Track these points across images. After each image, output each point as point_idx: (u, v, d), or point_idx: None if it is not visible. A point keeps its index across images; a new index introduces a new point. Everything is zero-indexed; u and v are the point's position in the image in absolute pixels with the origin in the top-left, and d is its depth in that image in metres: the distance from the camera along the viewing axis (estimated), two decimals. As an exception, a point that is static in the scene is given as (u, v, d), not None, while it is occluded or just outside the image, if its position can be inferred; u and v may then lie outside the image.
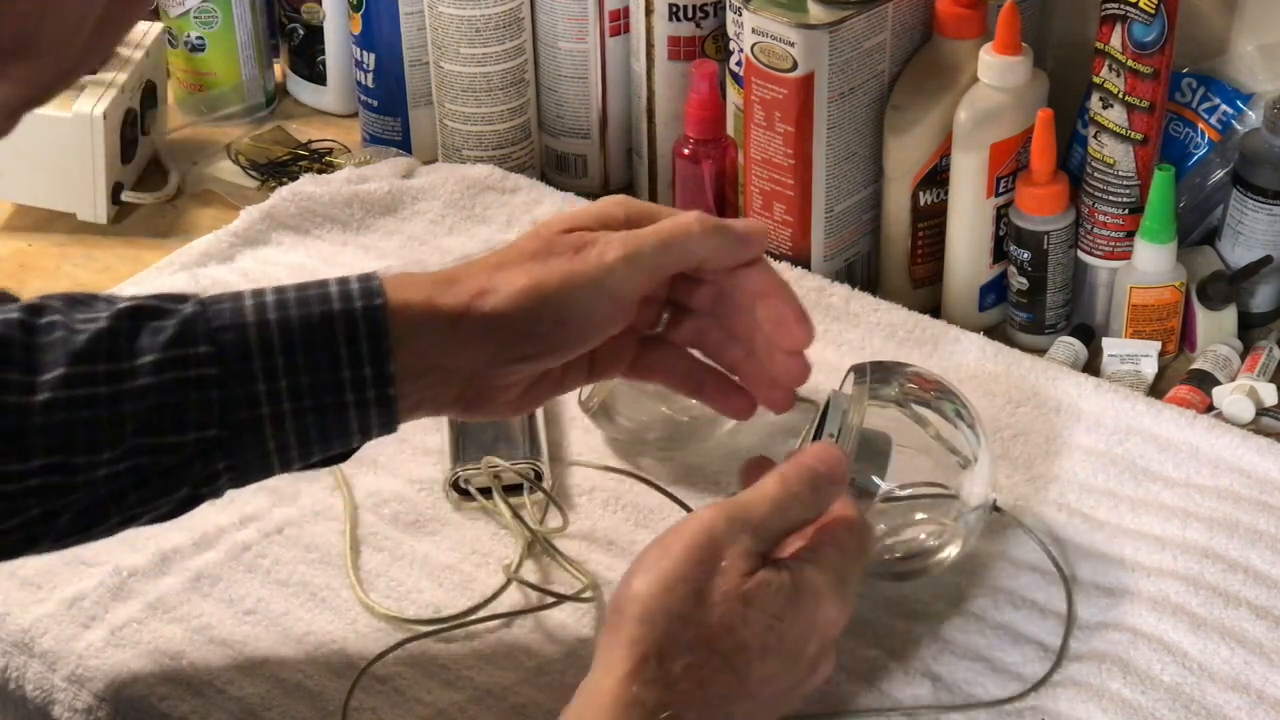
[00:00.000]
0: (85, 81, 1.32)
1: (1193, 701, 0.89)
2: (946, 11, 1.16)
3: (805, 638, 0.80)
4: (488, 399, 0.89)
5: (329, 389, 0.82)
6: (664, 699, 0.76)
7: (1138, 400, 1.08)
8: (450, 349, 0.85)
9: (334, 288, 0.83)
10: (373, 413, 0.84)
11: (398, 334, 0.83)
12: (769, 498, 0.82)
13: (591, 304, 0.87)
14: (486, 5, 1.27)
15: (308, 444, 0.84)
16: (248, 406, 0.82)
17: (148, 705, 0.91)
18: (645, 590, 0.78)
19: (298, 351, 0.82)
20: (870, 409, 0.93)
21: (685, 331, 0.95)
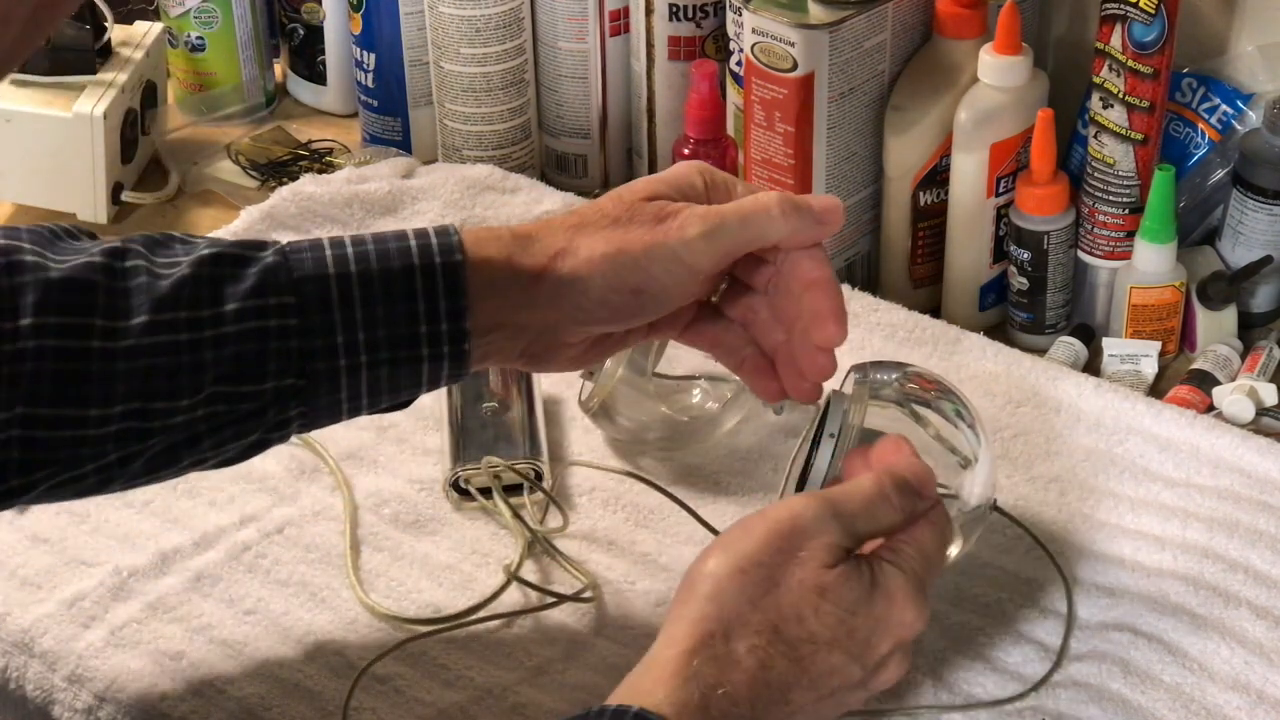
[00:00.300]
0: (85, 81, 1.33)
1: (1193, 701, 0.89)
2: (946, 11, 1.16)
3: (877, 635, 0.80)
4: (552, 355, 0.90)
5: (405, 343, 0.83)
6: (722, 677, 0.76)
7: (1138, 400, 1.08)
8: (525, 307, 0.86)
9: (413, 241, 0.84)
10: (445, 365, 0.85)
11: (475, 291, 0.84)
12: (863, 496, 0.82)
13: (669, 275, 0.87)
14: (486, 5, 1.27)
15: (378, 393, 0.85)
16: (326, 358, 0.83)
17: (148, 705, 0.91)
18: (719, 569, 0.79)
19: (378, 305, 0.83)
20: (870, 409, 0.93)
21: (739, 306, 0.94)
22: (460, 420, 1.05)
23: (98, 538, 1.01)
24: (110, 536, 1.01)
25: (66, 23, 1.32)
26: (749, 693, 0.77)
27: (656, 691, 0.75)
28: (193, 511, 1.03)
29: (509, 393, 1.07)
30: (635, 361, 1.03)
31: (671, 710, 0.75)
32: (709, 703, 0.75)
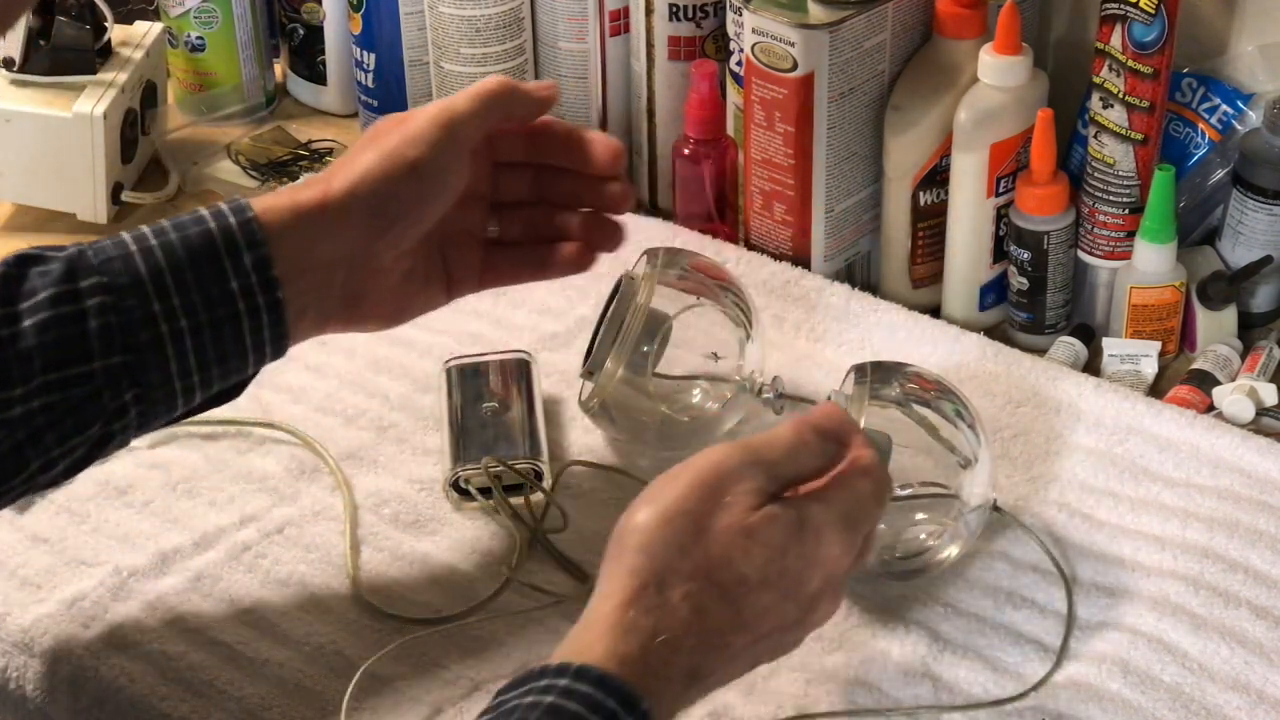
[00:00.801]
0: (85, 81, 1.33)
1: (1193, 701, 0.89)
2: (946, 11, 1.16)
3: (807, 572, 0.81)
4: (368, 295, 0.94)
5: (220, 300, 0.87)
6: (660, 625, 0.77)
7: (1138, 400, 1.08)
8: (322, 236, 0.90)
9: (205, 211, 0.88)
10: (264, 321, 0.88)
11: (271, 236, 0.88)
12: (783, 442, 0.83)
13: (433, 151, 0.93)
14: (486, 5, 1.27)
15: (207, 365, 0.87)
16: (147, 327, 0.85)
17: (148, 705, 0.91)
18: (647, 521, 0.79)
19: (185, 270, 0.86)
20: (870, 409, 0.93)
21: (514, 224, 1.01)
22: (460, 420, 1.05)
23: (98, 538, 1.01)
24: (110, 536, 1.01)
25: (66, 23, 1.32)
26: (688, 639, 0.77)
27: (596, 646, 0.76)
28: (193, 511, 1.03)
29: (509, 393, 1.07)
30: (635, 362, 1.03)
31: (613, 663, 0.75)
32: (648, 652, 0.76)
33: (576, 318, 1.17)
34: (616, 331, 1.02)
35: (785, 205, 1.19)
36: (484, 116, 0.95)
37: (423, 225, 0.94)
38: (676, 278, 1.04)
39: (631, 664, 0.76)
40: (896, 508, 0.94)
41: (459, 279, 1.00)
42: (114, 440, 0.88)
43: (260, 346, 0.89)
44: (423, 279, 0.98)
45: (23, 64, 1.33)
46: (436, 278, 0.99)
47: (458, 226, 0.98)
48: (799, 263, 1.20)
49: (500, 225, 1.01)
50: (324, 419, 1.09)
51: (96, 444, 0.87)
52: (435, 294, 0.99)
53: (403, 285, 0.96)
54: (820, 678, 0.91)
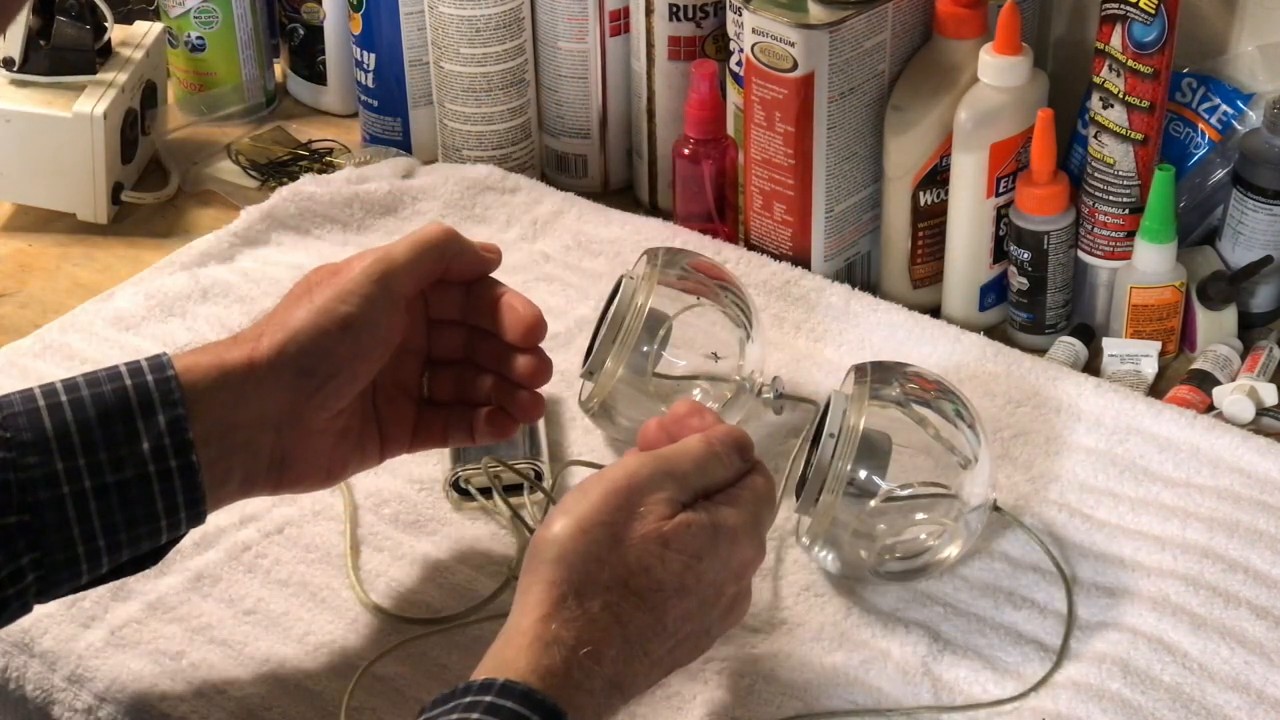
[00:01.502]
0: (85, 81, 1.33)
1: (1193, 701, 0.89)
2: (946, 11, 1.16)
3: (722, 576, 0.83)
4: (300, 458, 0.90)
5: (129, 462, 0.82)
6: (583, 636, 0.77)
7: (1138, 400, 1.08)
8: (246, 399, 0.86)
9: (122, 366, 0.84)
10: (177, 485, 0.84)
11: (191, 397, 0.84)
12: (693, 454, 0.84)
13: (367, 306, 0.89)
14: (486, 5, 1.27)
15: (114, 529, 0.83)
16: (47, 486, 0.81)
17: (148, 705, 0.91)
18: (563, 533, 0.80)
19: (94, 428, 0.82)
20: (870, 409, 0.93)
21: (445, 385, 0.97)
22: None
23: (98, 538, 1.01)
24: (110, 536, 1.01)
25: (66, 23, 1.32)
26: (609, 649, 0.78)
27: (519, 660, 0.76)
28: (193, 511, 1.03)
29: (509, 393, 1.07)
30: (635, 361, 1.03)
31: (535, 677, 0.76)
32: (571, 664, 0.77)
33: (576, 318, 1.17)
34: (616, 331, 1.02)
35: (785, 205, 1.19)
36: (422, 268, 0.92)
37: (356, 383, 0.90)
38: (676, 278, 1.04)
39: (554, 677, 0.76)
40: (896, 508, 0.94)
41: (392, 437, 0.96)
42: (9, 607, 0.82)
43: (174, 511, 0.84)
44: (356, 438, 0.93)
45: (23, 64, 1.33)
46: (370, 437, 0.95)
47: (392, 381, 0.95)
48: (799, 263, 1.20)
49: (430, 385, 0.97)
50: (324, 419, 1.09)
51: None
52: (369, 455, 0.95)
53: (337, 447, 0.92)
54: (820, 678, 0.91)
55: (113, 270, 1.30)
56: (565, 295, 1.19)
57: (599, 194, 1.34)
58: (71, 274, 1.30)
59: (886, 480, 0.93)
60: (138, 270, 1.25)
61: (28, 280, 1.30)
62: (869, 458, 0.92)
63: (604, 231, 1.25)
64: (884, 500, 0.93)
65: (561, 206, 1.28)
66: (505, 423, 0.97)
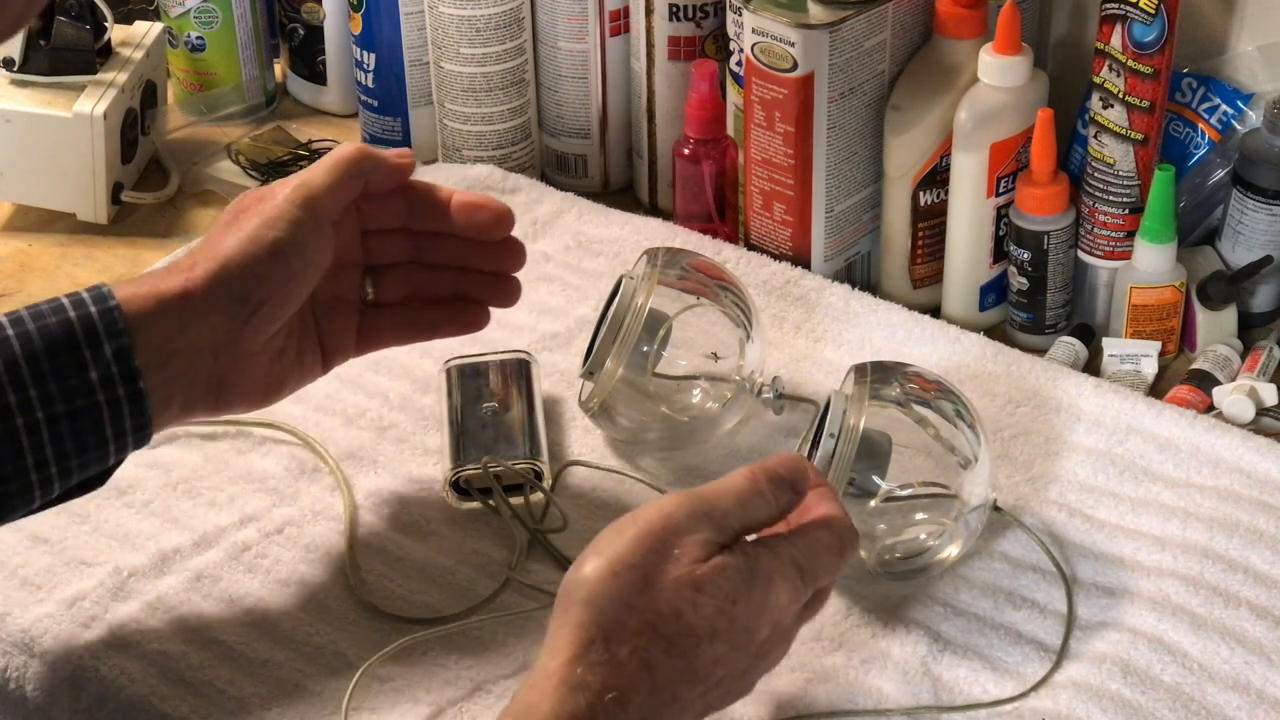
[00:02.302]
0: (85, 81, 1.33)
1: (1193, 701, 0.89)
2: (946, 11, 1.16)
3: (756, 621, 0.81)
4: (237, 379, 0.92)
5: (79, 392, 0.85)
6: (609, 681, 0.76)
7: (1138, 400, 1.08)
8: (187, 324, 0.89)
9: (65, 299, 0.87)
10: (125, 411, 0.87)
11: (134, 326, 0.86)
12: (733, 492, 0.83)
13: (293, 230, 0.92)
14: (486, 5, 1.27)
15: (65, 456, 0.86)
16: (1, 419, 0.83)
17: (148, 705, 0.91)
18: (594, 574, 0.79)
19: (42, 361, 0.84)
20: (870, 409, 0.93)
21: (394, 287, 1.00)
22: (460, 420, 1.05)
23: (98, 538, 1.01)
24: (110, 536, 1.01)
25: (66, 23, 1.32)
26: (636, 695, 0.77)
27: (543, 704, 0.76)
28: (193, 511, 1.03)
29: (509, 393, 1.07)
30: (635, 361, 1.03)
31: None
32: (596, 710, 0.76)
33: (576, 318, 1.17)
34: (616, 331, 1.02)
35: (785, 205, 1.19)
36: (342, 188, 0.94)
37: (289, 306, 0.93)
38: (676, 278, 1.04)
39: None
40: (896, 508, 0.94)
41: (334, 347, 0.99)
42: None
43: (121, 436, 0.87)
44: (295, 355, 0.96)
45: (23, 64, 1.33)
46: (310, 350, 0.97)
47: (329, 295, 0.97)
48: (799, 263, 1.20)
49: (376, 288, 1.00)
50: (324, 419, 1.09)
51: None
52: (310, 368, 0.98)
53: (274, 365, 0.95)
54: (820, 678, 0.91)
55: (113, 270, 1.30)
56: (565, 295, 1.19)
57: (599, 194, 1.34)
58: (71, 274, 1.30)
59: (886, 480, 0.93)
60: (138, 270, 1.25)
61: (28, 280, 1.30)
62: (869, 458, 0.92)
63: (604, 231, 1.25)
64: (884, 500, 0.93)
65: (561, 206, 1.28)
66: (479, 314, 1.01)
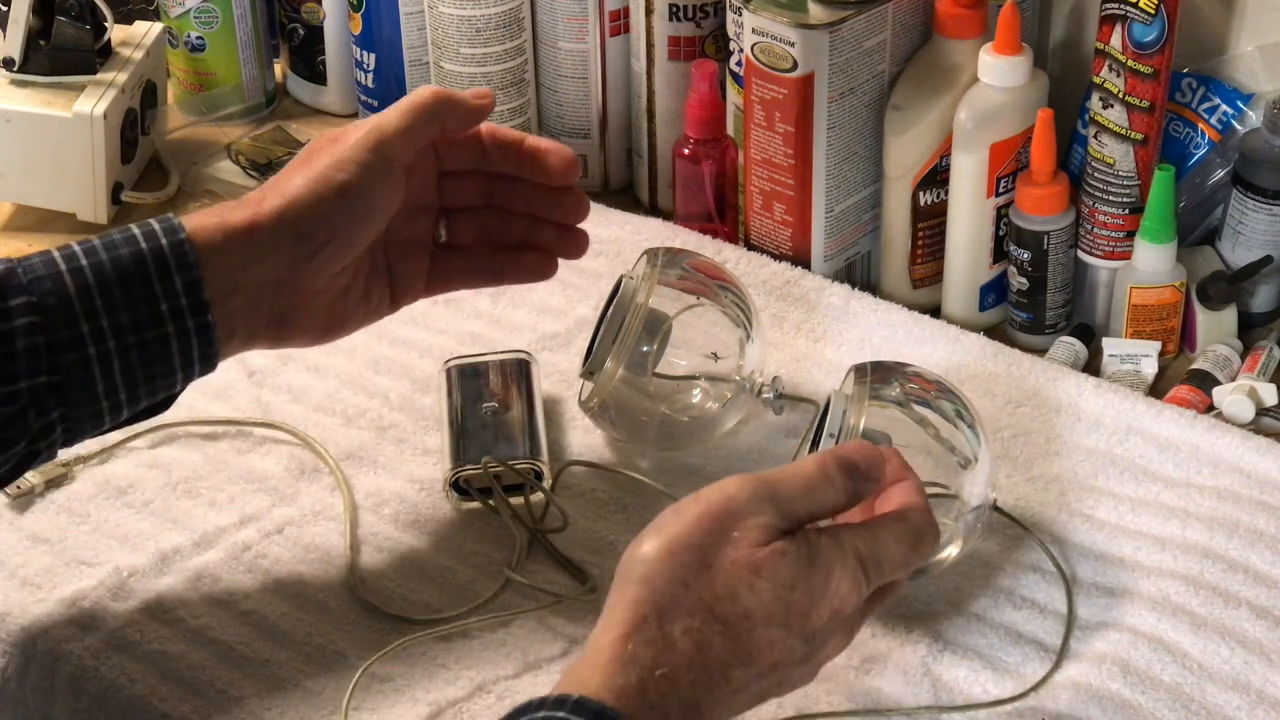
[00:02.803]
0: (85, 81, 1.33)
1: (1193, 701, 0.89)
2: (946, 11, 1.16)
3: (814, 609, 0.80)
4: (299, 314, 0.93)
5: (150, 323, 0.87)
6: (660, 658, 0.76)
7: (1138, 400, 1.08)
8: (252, 259, 0.90)
9: (136, 229, 0.89)
10: (193, 343, 0.89)
11: (202, 258, 0.88)
12: (801, 477, 0.82)
13: (362, 173, 0.92)
14: (486, 5, 1.27)
15: (135, 384, 0.88)
16: (74, 349, 0.85)
17: (148, 705, 0.91)
18: (652, 552, 0.79)
19: (115, 291, 0.86)
20: (870, 409, 0.93)
21: (466, 230, 1.01)
22: (460, 420, 1.05)
23: (98, 538, 1.01)
24: (110, 536, 1.01)
25: (66, 23, 1.32)
26: (688, 674, 0.77)
27: (593, 677, 0.76)
28: (193, 511, 1.03)
29: (509, 393, 1.07)
30: (635, 361, 1.03)
31: (610, 695, 0.75)
32: (646, 685, 0.76)
33: (576, 318, 1.17)
34: (616, 331, 1.02)
35: (785, 205, 1.19)
36: (415, 132, 0.95)
37: (353, 249, 0.93)
38: (676, 278, 1.04)
39: (629, 696, 0.75)
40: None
41: (404, 288, 1.00)
42: (40, 457, 0.89)
43: (189, 366, 0.89)
44: (361, 294, 0.97)
45: (23, 64, 1.33)
46: (378, 290, 0.98)
47: (402, 235, 0.98)
48: (799, 263, 1.20)
49: (450, 231, 1.01)
50: (324, 419, 1.09)
51: (22, 460, 0.88)
52: (377, 307, 0.99)
53: (337, 303, 0.96)
54: (820, 678, 0.91)
55: (113, 270, 1.30)
56: (565, 295, 1.19)
57: (599, 194, 1.34)
58: (71, 274, 1.30)
59: (886, 480, 0.93)
60: (138, 270, 1.25)
61: (28, 280, 1.30)
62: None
63: (604, 231, 1.25)
64: (884, 500, 0.93)
65: (561, 206, 1.28)
66: (547, 263, 1.02)
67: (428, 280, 1.00)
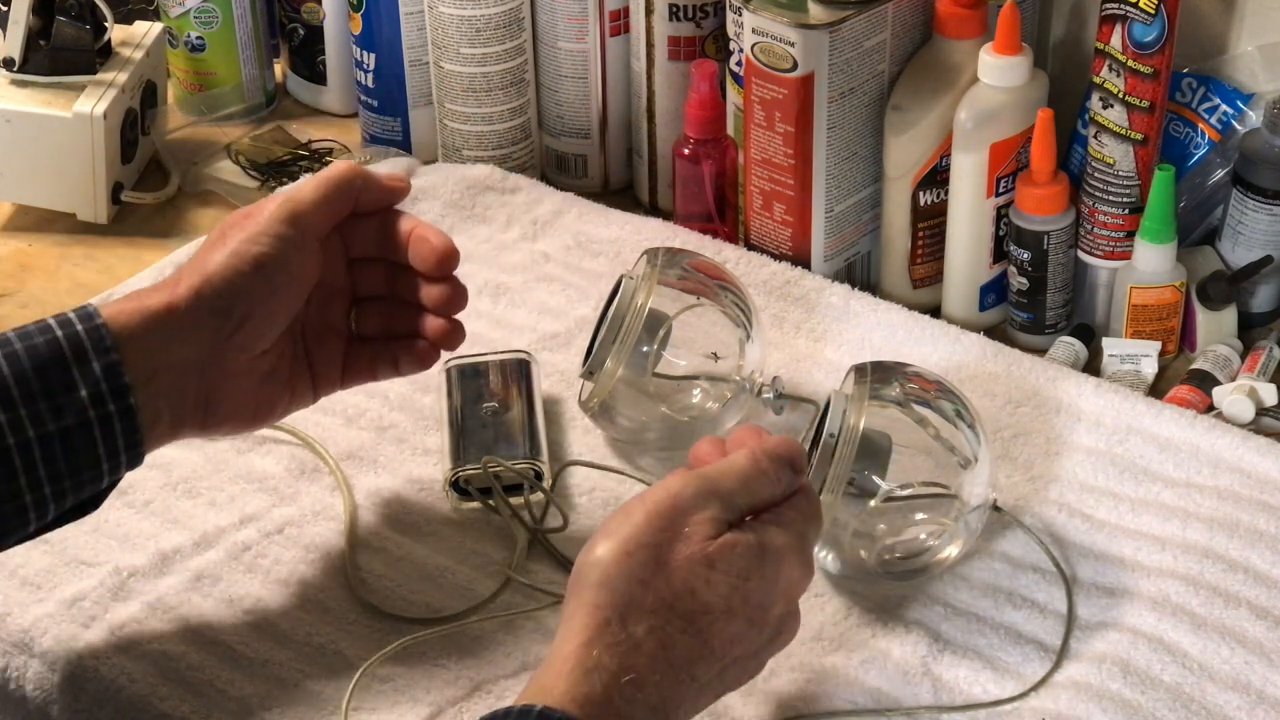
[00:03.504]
0: (85, 81, 1.33)
1: (1193, 701, 0.89)
2: (946, 11, 1.16)
3: (770, 598, 0.81)
4: (225, 398, 0.92)
5: (70, 410, 0.85)
6: (625, 662, 0.77)
7: (1138, 400, 1.08)
8: (172, 340, 0.88)
9: (51, 319, 0.87)
10: (117, 429, 0.86)
11: (120, 342, 0.86)
12: (738, 471, 0.83)
13: (278, 245, 0.91)
14: (486, 5, 1.27)
15: (59, 476, 0.86)
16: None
17: (148, 705, 0.91)
18: (606, 555, 0.79)
19: (31, 380, 0.84)
20: (870, 409, 0.93)
21: (372, 320, 0.99)
22: (460, 420, 1.05)
23: (98, 538, 1.01)
24: (110, 536, 1.01)
25: (66, 23, 1.33)
26: (653, 675, 0.77)
27: (558, 686, 0.76)
28: (193, 511, 1.03)
29: (509, 393, 1.07)
30: (635, 361, 1.03)
31: (574, 705, 0.75)
32: (612, 693, 0.76)
33: (576, 318, 1.17)
34: (616, 331, 1.02)
35: (785, 205, 1.19)
36: (330, 204, 0.94)
37: (275, 323, 0.92)
38: (676, 278, 1.04)
39: (594, 705, 0.75)
40: (896, 508, 0.94)
41: (324, 376, 0.98)
42: None
43: (114, 455, 0.87)
44: (286, 379, 0.96)
45: (23, 64, 1.33)
46: (301, 376, 0.97)
47: (319, 321, 0.97)
48: (799, 263, 1.20)
49: (358, 321, 0.99)
50: (324, 419, 1.09)
51: None
52: (301, 394, 0.97)
53: (262, 387, 0.94)
54: (820, 678, 0.91)
55: (113, 270, 1.30)
56: (565, 295, 1.19)
57: (599, 194, 1.34)
58: (71, 274, 1.30)
59: (886, 480, 0.93)
60: (138, 270, 1.25)
61: (28, 280, 1.30)
62: (869, 458, 0.92)
63: (604, 231, 1.25)
64: (884, 500, 0.93)
65: (561, 206, 1.28)
66: (427, 353, 0.99)
67: (342, 371, 0.99)
